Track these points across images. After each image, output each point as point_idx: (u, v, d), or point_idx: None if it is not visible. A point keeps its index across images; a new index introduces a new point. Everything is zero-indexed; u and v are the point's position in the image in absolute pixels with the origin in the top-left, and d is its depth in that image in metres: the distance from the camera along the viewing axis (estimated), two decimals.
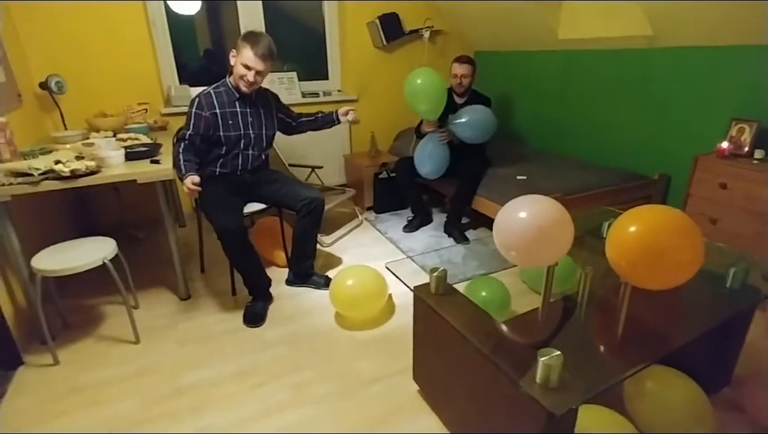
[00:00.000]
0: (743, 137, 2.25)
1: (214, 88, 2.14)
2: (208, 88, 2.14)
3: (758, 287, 1.47)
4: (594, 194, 2.59)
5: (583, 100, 3.24)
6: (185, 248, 2.87)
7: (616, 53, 2.93)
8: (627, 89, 2.91)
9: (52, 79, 2.60)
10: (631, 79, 2.87)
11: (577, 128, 3.33)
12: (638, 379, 1.43)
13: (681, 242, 1.17)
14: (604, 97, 3.08)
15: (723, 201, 2.21)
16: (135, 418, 1.60)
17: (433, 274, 1.45)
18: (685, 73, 2.57)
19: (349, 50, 3.67)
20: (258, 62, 2.03)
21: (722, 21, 2.22)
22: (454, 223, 2.96)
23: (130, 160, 2.07)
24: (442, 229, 3.06)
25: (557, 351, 1.02)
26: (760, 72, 2.23)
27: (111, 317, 2.18)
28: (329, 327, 2.09)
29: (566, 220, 1.30)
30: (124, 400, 1.68)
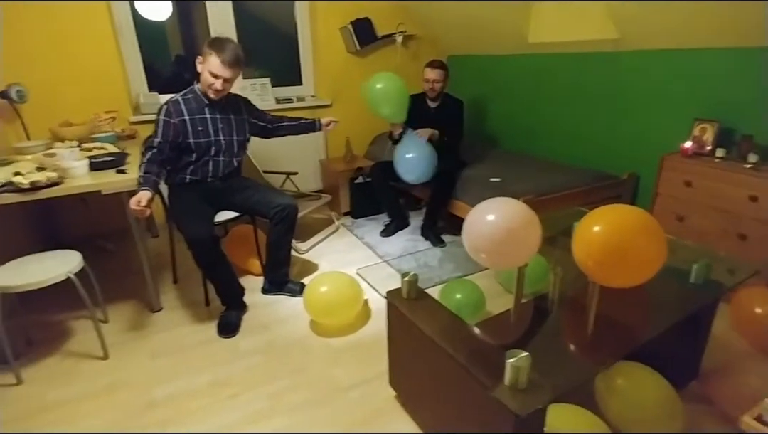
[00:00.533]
0: (705, 136, 2.32)
1: (182, 95, 2.11)
2: (176, 96, 2.10)
3: (720, 281, 1.51)
4: (566, 194, 2.63)
5: (554, 103, 3.30)
6: (157, 259, 2.81)
7: (584, 56, 2.99)
8: (596, 91, 2.98)
9: (13, 88, 2.52)
10: (599, 82, 2.94)
11: (549, 130, 3.39)
12: (609, 376, 1.45)
13: (644, 240, 1.20)
14: (575, 100, 3.14)
15: (689, 199, 2.28)
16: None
17: (404, 279, 1.45)
18: (650, 75, 2.64)
19: (323, 55, 3.66)
20: (225, 70, 2.00)
21: (685, 25, 2.29)
22: (430, 226, 2.97)
23: (96, 170, 2.02)
24: (419, 233, 3.07)
25: (525, 352, 1.03)
26: (721, 74, 2.31)
27: (78, 332, 2.11)
28: (305, 335, 2.07)
29: (534, 221, 1.32)
30: (94, 417, 1.63)
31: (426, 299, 1.46)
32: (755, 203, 2.01)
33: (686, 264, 1.53)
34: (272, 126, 2.45)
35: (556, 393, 1.02)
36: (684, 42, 2.40)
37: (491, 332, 1.48)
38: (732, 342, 1.92)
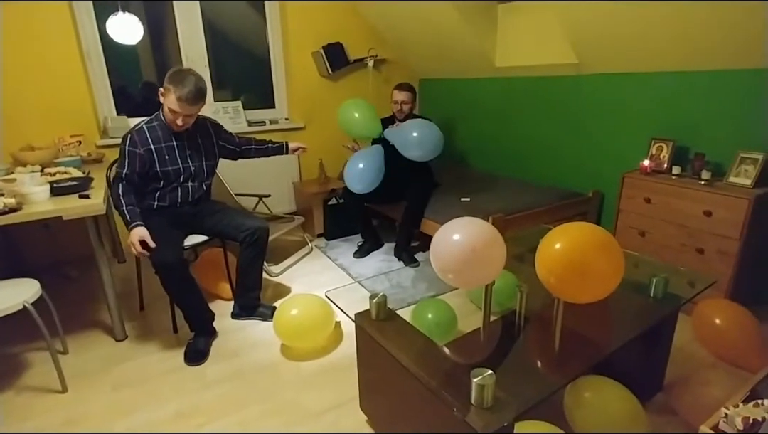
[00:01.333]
0: (662, 154, 2.44)
1: (146, 123, 2.07)
2: (140, 123, 2.06)
3: (678, 294, 1.57)
4: (534, 212, 2.70)
5: (521, 124, 3.41)
6: (125, 286, 2.72)
7: (548, 80, 3.12)
8: (560, 113, 3.10)
9: None
10: (563, 104, 3.06)
11: (518, 151, 3.49)
12: (576, 391, 1.47)
13: (602, 256, 1.24)
14: (541, 121, 3.26)
15: (649, 215, 2.37)
16: None
17: (372, 300, 1.44)
18: (609, 97, 2.77)
19: (295, 79, 3.70)
20: (185, 107, 1.94)
21: (639, 51, 2.42)
22: (403, 246, 2.99)
23: (58, 195, 1.96)
24: (393, 253, 3.08)
25: (489, 370, 1.04)
26: (674, 96, 2.44)
27: (35, 365, 2.01)
28: (275, 360, 2.03)
29: (498, 240, 1.35)
30: None
31: (395, 320, 1.46)
32: (710, 217, 2.10)
33: (648, 279, 1.58)
34: (240, 149, 2.43)
35: (521, 410, 1.03)
36: (639, 66, 2.54)
37: (460, 351, 1.49)
38: (695, 353, 1.98)
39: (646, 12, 2.15)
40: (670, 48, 2.28)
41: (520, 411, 1.02)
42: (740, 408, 1.10)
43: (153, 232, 2.05)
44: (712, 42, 2.10)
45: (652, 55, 2.40)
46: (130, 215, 1.95)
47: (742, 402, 1.14)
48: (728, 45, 2.06)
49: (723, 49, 2.10)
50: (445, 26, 3.23)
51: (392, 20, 3.63)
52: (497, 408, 1.02)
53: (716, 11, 1.95)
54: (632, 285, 1.64)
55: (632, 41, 2.38)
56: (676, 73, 2.40)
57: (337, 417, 1.68)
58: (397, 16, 3.51)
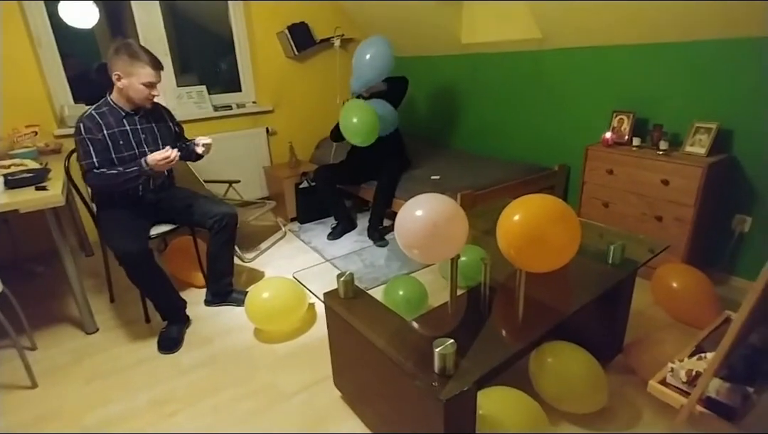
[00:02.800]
0: (623, 126, 2.50)
1: (95, 108, 2.00)
2: (88, 110, 1.99)
3: (634, 259, 1.63)
4: (503, 187, 2.75)
5: (488, 101, 3.43)
6: (94, 279, 2.67)
7: (513, 55, 3.13)
8: (525, 88, 3.13)
9: None
10: (528, 79, 3.09)
11: (486, 127, 3.52)
12: (540, 356, 1.53)
13: (558, 226, 1.27)
14: (507, 97, 3.28)
15: (611, 186, 2.44)
16: None
17: (340, 279, 1.46)
18: (572, 71, 2.81)
19: (261, 61, 3.62)
20: (158, 75, 1.97)
21: (599, 24, 2.45)
22: (374, 225, 3.01)
23: (12, 188, 1.89)
24: (366, 234, 3.09)
25: (450, 340, 1.08)
26: (635, 68, 2.49)
27: (2, 362, 1.97)
28: (249, 344, 2.04)
29: (459, 214, 1.37)
30: None
31: (363, 298, 1.48)
32: (667, 186, 2.18)
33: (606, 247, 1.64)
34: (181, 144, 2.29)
35: (481, 375, 1.07)
36: (599, 40, 2.57)
37: (427, 325, 1.53)
38: (654, 316, 2.07)
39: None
40: (629, 21, 2.31)
41: (479, 376, 1.06)
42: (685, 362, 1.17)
43: (114, 224, 2.01)
44: (668, 15, 2.14)
45: (612, 29, 2.44)
46: (131, 169, 1.94)
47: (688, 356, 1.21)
48: (683, 18, 2.11)
49: (679, 23, 2.15)
50: (411, 3, 3.19)
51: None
52: (459, 376, 1.06)
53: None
54: (593, 254, 1.70)
55: (592, 15, 2.40)
56: (634, 46, 2.45)
57: (312, 396, 1.71)
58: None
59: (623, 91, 2.57)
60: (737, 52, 2.08)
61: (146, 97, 1.99)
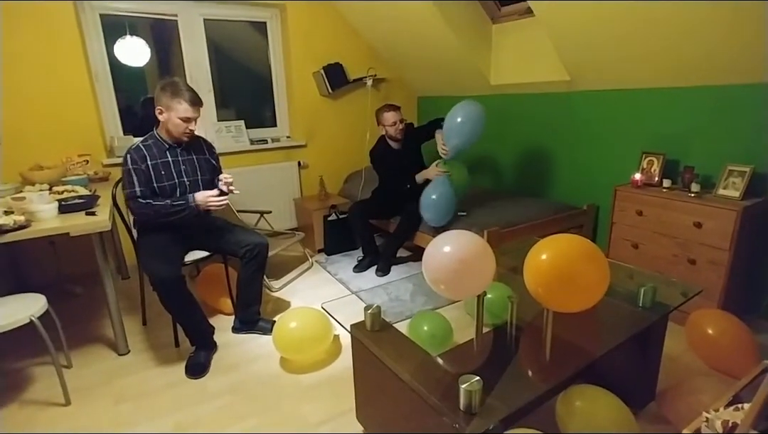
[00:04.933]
0: (653, 168, 2.49)
1: (142, 141, 2.15)
2: (136, 142, 2.15)
3: (665, 302, 1.60)
4: (530, 225, 2.74)
5: (517, 140, 3.48)
6: (128, 301, 2.77)
7: (542, 97, 3.20)
8: (554, 128, 3.17)
9: None
10: (557, 119, 3.13)
11: (514, 166, 3.56)
12: (568, 400, 1.50)
13: (587, 266, 1.28)
14: (536, 137, 3.33)
15: (641, 227, 2.41)
16: None
17: (367, 311, 1.49)
18: (601, 112, 2.84)
19: (297, 98, 3.80)
20: (196, 111, 2.10)
21: (628, 69, 2.50)
22: (386, 256, 3.09)
23: (65, 213, 2.03)
24: None
25: (476, 376, 1.08)
26: (664, 111, 2.50)
27: (40, 379, 2.05)
28: (275, 373, 2.06)
29: (487, 251, 1.39)
30: None
31: (389, 331, 1.50)
32: (700, 229, 2.14)
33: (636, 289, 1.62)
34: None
35: (508, 413, 1.06)
36: (629, 83, 2.61)
37: (453, 361, 1.52)
38: (689, 363, 1.99)
39: (634, 30, 2.23)
40: (659, 65, 2.35)
41: (506, 415, 1.06)
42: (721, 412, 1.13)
43: (152, 250, 2.11)
44: (701, 58, 2.17)
45: (642, 72, 2.47)
46: (179, 203, 2.10)
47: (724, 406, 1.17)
48: (716, 61, 2.13)
49: (711, 65, 2.17)
50: (441, 46, 3.33)
51: (391, 41, 3.74)
52: (485, 413, 1.06)
53: (703, 27, 2.01)
54: (623, 296, 1.67)
55: (621, 59, 2.46)
56: (665, 89, 2.47)
57: (335, 428, 1.70)
58: (395, 36, 3.62)
59: (653, 132, 2.58)
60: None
61: (183, 131, 2.11)
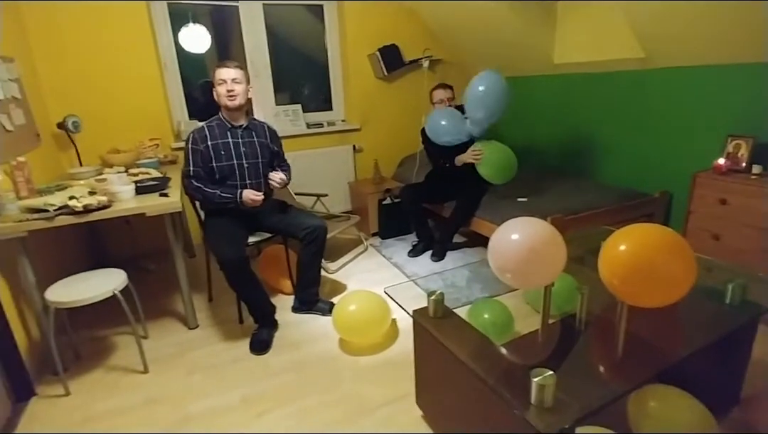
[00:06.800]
0: (740, 152, 2.27)
1: (207, 122, 2.25)
2: (202, 124, 2.25)
3: (758, 302, 1.46)
4: (596, 213, 2.61)
5: (581, 121, 3.29)
6: (194, 279, 2.92)
7: (610, 75, 2.99)
8: (624, 109, 2.96)
9: (70, 119, 2.74)
10: (627, 100, 2.93)
11: (577, 149, 3.37)
12: (641, 399, 1.42)
13: (671, 258, 1.19)
14: (603, 118, 3.13)
15: (724, 217, 2.22)
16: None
17: (430, 298, 1.47)
18: (679, 92, 2.62)
19: (352, 81, 3.79)
20: (229, 71, 2.15)
21: (712, 42, 2.27)
22: (442, 241, 3.07)
23: (140, 194, 2.15)
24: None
25: (550, 370, 1.04)
26: (755, 89, 2.26)
27: (121, 347, 2.23)
28: (334, 353, 2.11)
29: (557, 240, 1.33)
30: (134, 429, 1.71)
31: (452, 318, 1.48)
32: None
33: (723, 284, 1.49)
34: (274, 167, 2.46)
35: (584, 413, 1.02)
36: (713, 58, 2.38)
37: (518, 352, 1.48)
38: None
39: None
40: (749, 37, 2.11)
41: (582, 414, 1.01)
42: None
43: (218, 231, 2.20)
44: None
45: (729, 45, 2.24)
46: (227, 195, 2.19)
47: None
48: None
49: None
50: (500, 25, 3.18)
51: (447, 21, 3.62)
52: (558, 410, 1.02)
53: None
54: (704, 291, 1.55)
55: (705, 31, 2.23)
56: (755, 65, 2.23)
57: (394, 411, 1.72)
58: (451, 16, 3.50)
59: (741, 113, 2.34)
60: None
61: (223, 95, 2.17)
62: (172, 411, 1.80)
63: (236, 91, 2.17)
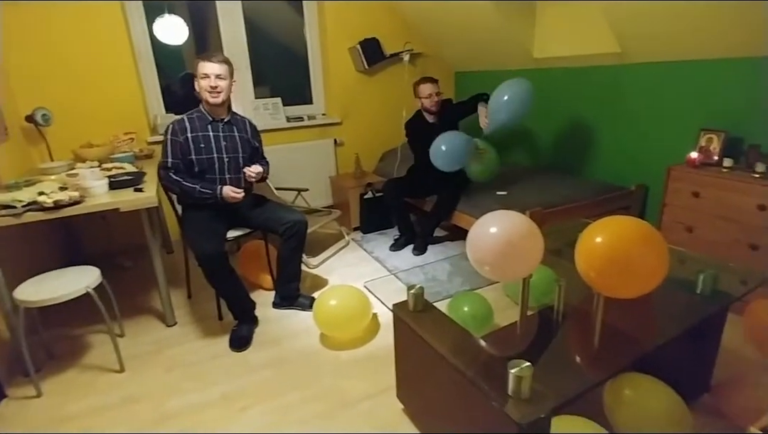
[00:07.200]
0: (712, 146, 2.33)
1: (188, 114, 2.21)
2: (182, 115, 2.20)
3: (727, 291, 1.51)
4: (574, 206, 2.64)
5: (560, 116, 3.33)
6: (173, 275, 2.87)
7: (588, 70, 3.03)
8: (601, 104, 3.00)
9: (39, 111, 2.65)
10: (604, 95, 2.97)
11: (556, 143, 3.41)
12: (617, 388, 1.45)
13: (644, 250, 1.21)
14: (580, 113, 3.17)
15: (697, 209, 2.27)
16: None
17: (410, 291, 1.47)
18: (654, 87, 2.66)
19: (332, 75, 3.76)
20: (214, 66, 2.10)
21: (685, 38, 2.32)
22: (423, 235, 3.09)
23: (114, 189, 2.10)
24: None
25: (527, 362, 1.05)
26: (726, 84, 2.32)
27: (96, 346, 2.17)
28: (315, 348, 2.10)
29: (535, 233, 1.34)
30: (110, 429, 1.67)
31: (432, 312, 1.49)
32: (764, 212, 1.99)
33: (695, 275, 1.53)
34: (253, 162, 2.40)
35: (559, 402, 1.03)
36: (686, 54, 2.43)
37: (497, 344, 1.49)
38: (746, 354, 1.89)
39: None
40: (721, 33, 2.16)
41: (558, 404, 1.03)
42: None
43: (196, 226, 2.16)
44: None
45: (702, 42, 2.29)
46: (207, 190, 2.15)
47: None
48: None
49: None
50: (481, 19, 3.19)
51: (427, 14, 3.61)
52: (535, 400, 1.03)
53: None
54: (677, 282, 1.59)
55: (679, 28, 2.27)
56: (727, 60, 2.28)
57: (375, 405, 1.72)
58: (432, 10, 3.49)
59: (713, 107, 2.40)
60: None
61: (205, 89, 2.12)
62: (150, 409, 1.76)
63: (220, 87, 2.14)
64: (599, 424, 1.33)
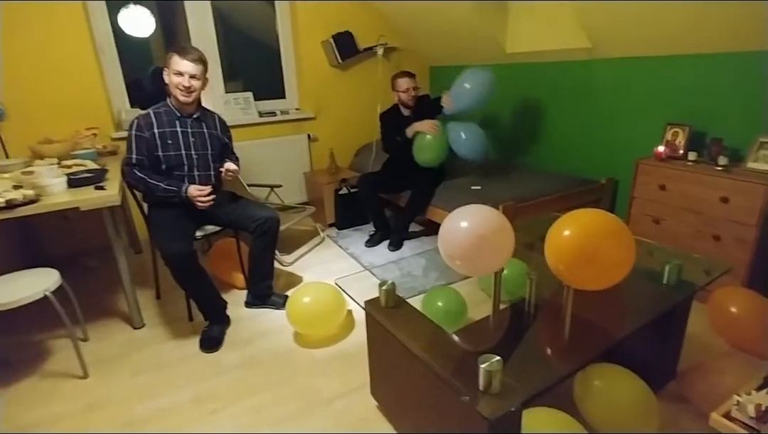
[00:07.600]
0: (678, 140, 2.38)
1: (154, 108, 2.12)
2: (148, 110, 2.11)
3: (691, 281, 1.55)
4: (546, 200, 2.67)
5: (533, 111, 3.36)
6: (141, 275, 2.78)
7: (560, 65, 3.06)
8: (573, 99, 3.04)
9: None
10: (575, 89, 3.01)
11: (529, 138, 3.45)
12: (586, 378, 1.47)
13: (612, 242, 1.22)
14: (553, 107, 3.21)
15: (664, 202, 2.33)
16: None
17: (381, 288, 1.45)
18: (623, 82, 2.71)
19: (305, 69, 3.69)
20: (189, 65, 2.02)
21: (653, 34, 2.36)
22: (398, 231, 3.07)
23: (74, 187, 2.01)
24: None
25: (497, 356, 1.05)
26: (691, 80, 2.38)
27: (58, 351, 2.08)
28: (288, 347, 2.06)
29: (506, 227, 1.34)
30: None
31: (404, 308, 1.47)
32: (726, 204, 2.06)
33: (661, 266, 1.56)
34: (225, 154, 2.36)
35: (529, 395, 1.03)
36: (654, 50, 2.48)
37: (469, 338, 1.50)
38: (710, 341, 1.95)
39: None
40: (686, 30, 2.21)
41: (527, 397, 1.03)
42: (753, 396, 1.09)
43: (163, 224, 2.09)
44: (730, 23, 2.03)
45: (668, 38, 2.34)
46: (171, 187, 2.07)
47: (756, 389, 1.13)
48: (746, 26, 1.99)
49: (741, 31, 2.04)
50: (455, 14, 3.18)
51: (402, 8, 3.58)
52: (505, 394, 1.03)
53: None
54: (645, 273, 1.62)
55: (647, 24, 2.31)
56: (692, 56, 2.34)
57: (349, 403, 1.71)
58: (406, 5, 3.47)
59: (678, 103, 2.46)
60: None
61: (176, 86, 2.04)
62: (117, 414, 1.70)
63: (193, 87, 2.07)
64: (570, 414, 1.35)
